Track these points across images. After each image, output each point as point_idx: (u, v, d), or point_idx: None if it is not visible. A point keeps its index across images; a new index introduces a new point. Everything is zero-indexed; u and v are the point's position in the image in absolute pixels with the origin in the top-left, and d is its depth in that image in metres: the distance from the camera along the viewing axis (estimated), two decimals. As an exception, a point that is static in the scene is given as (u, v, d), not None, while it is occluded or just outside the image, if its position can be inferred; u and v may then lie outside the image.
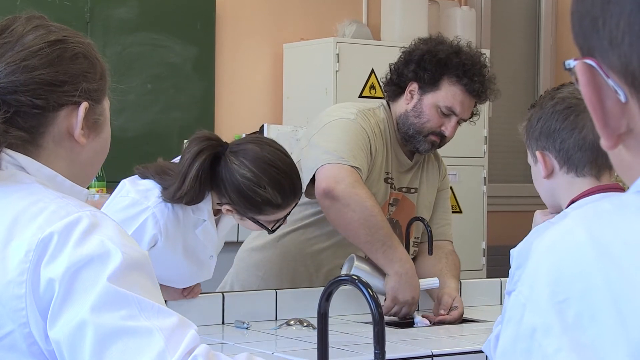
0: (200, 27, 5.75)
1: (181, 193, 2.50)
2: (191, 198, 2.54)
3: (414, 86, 3.09)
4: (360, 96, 5.82)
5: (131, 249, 1.39)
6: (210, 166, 2.53)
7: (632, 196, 0.87)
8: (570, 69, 0.89)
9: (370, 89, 5.85)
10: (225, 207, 2.59)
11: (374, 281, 2.92)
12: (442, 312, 3.04)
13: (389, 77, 3.18)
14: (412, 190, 3.21)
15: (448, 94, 3.06)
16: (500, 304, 3.34)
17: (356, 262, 2.92)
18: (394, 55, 3.19)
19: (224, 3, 5.80)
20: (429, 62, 3.07)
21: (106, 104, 1.57)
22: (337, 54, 5.50)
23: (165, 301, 2.73)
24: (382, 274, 2.96)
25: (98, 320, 1.32)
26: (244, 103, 5.83)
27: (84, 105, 1.49)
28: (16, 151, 1.47)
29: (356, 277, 1.65)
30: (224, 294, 2.93)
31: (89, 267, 1.35)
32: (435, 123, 3.07)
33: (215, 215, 2.67)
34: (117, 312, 1.33)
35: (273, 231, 2.67)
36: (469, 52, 3.10)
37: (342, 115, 3.07)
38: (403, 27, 6.08)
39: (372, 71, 5.84)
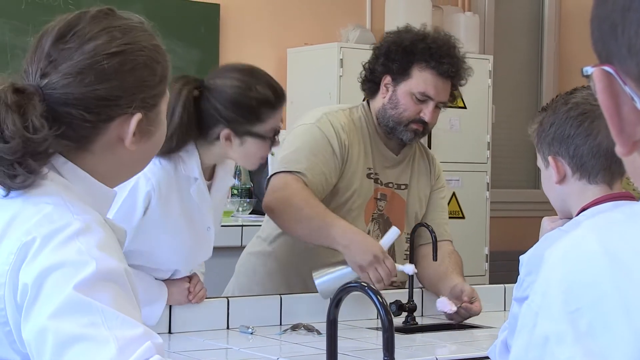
0: (204, 31, 5.75)
1: (170, 133, 2.44)
2: (180, 138, 2.52)
3: (387, 79, 3.11)
4: (364, 101, 5.82)
5: (108, 261, 1.38)
6: (195, 107, 2.55)
7: (643, 206, 0.88)
8: (588, 76, 0.89)
9: (373, 94, 5.86)
10: (223, 135, 2.57)
11: (341, 274, 2.88)
12: (465, 298, 3.00)
13: (363, 75, 3.19)
14: (402, 187, 3.20)
15: (419, 80, 3.06)
16: (504, 309, 3.34)
17: (316, 281, 2.90)
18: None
19: (228, 7, 5.80)
20: (396, 52, 3.08)
21: (164, 103, 1.55)
22: (341, 59, 5.50)
23: (170, 307, 2.75)
24: (341, 264, 2.92)
25: (58, 326, 1.33)
26: (247, 107, 5.84)
27: (137, 117, 1.48)
28: (61, 154, 1.47)
29: (365, 284, 1.66)
30: (229, 298, 2.94)
31: (58, 271, 1.35)
32: (413, 111, 3.07)
33: (207, 180, 2.67)
34: (78, 320, 1.33)
35: (273, 142, 2.62)
36: (435, 35, 3.10)
37: (305, 121, 3.12)
38: (407, 32, 6.09)
39: (376, 76, 5.84)
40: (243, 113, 2.55)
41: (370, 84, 3.17)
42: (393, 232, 2.94)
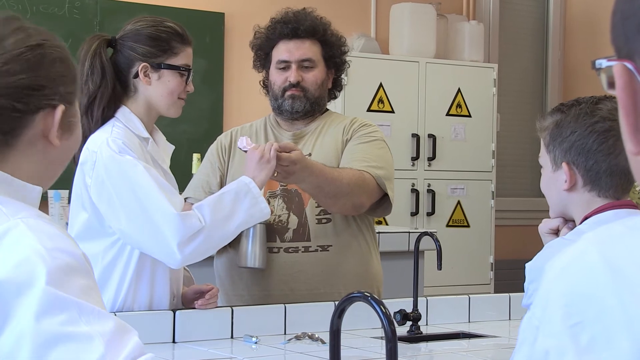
0: (210, 40, 5.76)
1: (95, 96, 2.69)
2: (105, 96, 2.69)
3: (264, 77, 3.32)
4: (369, 110, 5.82)
5: (63, 253, 1.36)
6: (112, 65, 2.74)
7: (645, 218, 0.87)
8: (599, 69, 0.88)
9: (378, 102, 5.86)
10: (140, 69, 2.73)
11: (249, 239, 3.03)
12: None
13: (265, 90, 3.34)
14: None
15: (274, 54, 3.27)
16: (509, 319, 3.33)
17: (249, 266, 3.02)
18: (403, 69, 3.20)
19: (233, 16, 5.81)
20: (258, 51, 3.31)
21: (77, 104, 1.59)
22: (346, 68, 5.50)
23: (174, 316, 2.75)
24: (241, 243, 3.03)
25: (38, 328, 1.29)
26: (252, 116, 5.82)
27: (61, 107, 1.50)
28: None
29: (369, 294, 1.65)
30: (233, 307, 2.94)
31: (18, 276, 1.31)
32: (280, 80, 3.23)
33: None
34: (56, 317, 1.30)
35: (187, 82, 2.78)
36: (273, 18, 3.33)
37: None
38: (411, 41, 6.09)
39: (381, 85, 5.84)
40: (156, 45, 2.76)
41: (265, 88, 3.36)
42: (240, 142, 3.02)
